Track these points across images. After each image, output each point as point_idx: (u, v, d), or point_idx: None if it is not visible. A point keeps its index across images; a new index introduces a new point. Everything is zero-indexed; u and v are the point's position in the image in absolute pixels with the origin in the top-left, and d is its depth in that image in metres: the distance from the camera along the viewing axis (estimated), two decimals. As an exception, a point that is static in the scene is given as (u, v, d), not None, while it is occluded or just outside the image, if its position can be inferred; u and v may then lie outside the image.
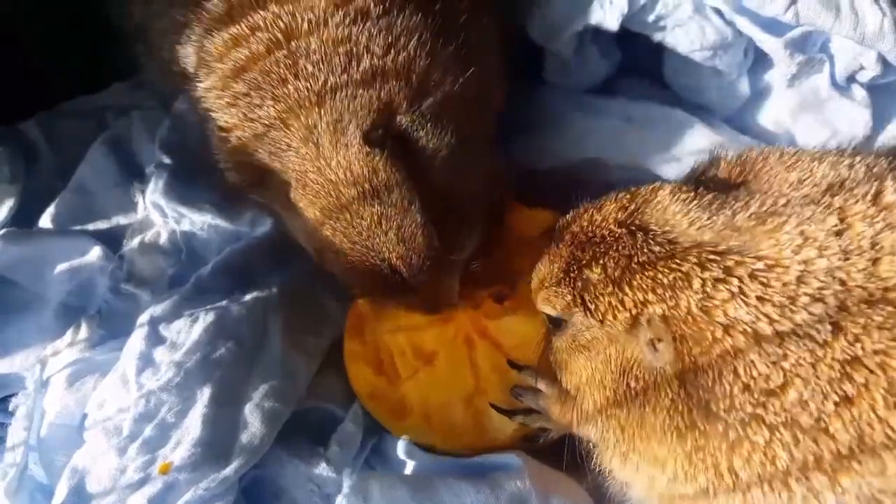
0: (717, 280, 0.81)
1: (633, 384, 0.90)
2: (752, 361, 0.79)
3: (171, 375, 1.20)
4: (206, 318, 1.27)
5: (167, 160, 1.49)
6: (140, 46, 1.48)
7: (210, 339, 1.24)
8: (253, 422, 1.18)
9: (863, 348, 0.77)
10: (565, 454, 1.12)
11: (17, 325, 1.38)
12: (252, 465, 1.16)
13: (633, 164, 1.43)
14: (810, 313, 0.78)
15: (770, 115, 1.40)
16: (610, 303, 0.88)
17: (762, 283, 0.80)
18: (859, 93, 1.33)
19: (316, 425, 1.28)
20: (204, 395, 1.19)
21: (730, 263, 0.82)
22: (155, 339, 1.26)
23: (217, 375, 1.21)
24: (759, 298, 0.80)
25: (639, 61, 1.53)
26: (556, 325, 1.00)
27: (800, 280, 0.79)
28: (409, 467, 1.23)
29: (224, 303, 1.31)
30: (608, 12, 1.36)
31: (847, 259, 0.79)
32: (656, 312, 0.84)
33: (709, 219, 0.86)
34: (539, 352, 1.09)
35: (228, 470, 1.12)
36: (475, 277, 1.28)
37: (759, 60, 1.39)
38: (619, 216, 0.92)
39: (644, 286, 0.85)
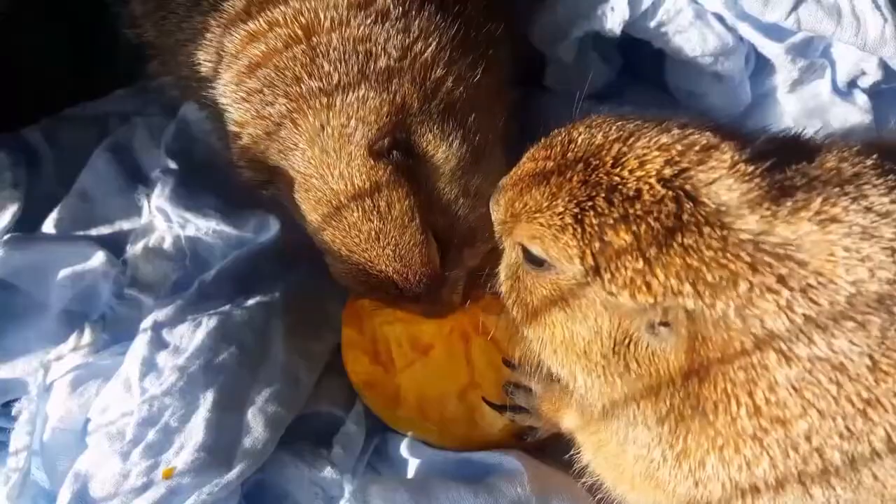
0: (767, 289, 0.71)
1: (632, 365, 0.80)
2: (775, 382, 0.72)
3: (174, 380, 1.20)
4: (209, 323, 1.27)
5: (173, 165, 1.49)
6: (154, 62, 1.48)
7: (213, 344, 1.25)
8: (256, 426, 1.19)
9: (887, 388, 0.71)
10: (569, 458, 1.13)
11: (19, 330, 1.37)
12: (255, 469, 1.16)
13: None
14: (851, 343, 0.71)
15: (771, 121, 1.40)
16: (633, 279, 0.75)
17: (812, 301, 0.71)
18: (861, 98, 1.33)
19: (318, 429, 1.29)
20: (207, 399, 1.19)
21: (784, 272, 0.71)
22: (158, 343, 1.26)
23: (220, 380, 1.21)
24: (805, 317, 0.71)
25: (640, 67, 1.54)
26: (535, 263, 0.86)
27: (849, 302, 0.71)
28: (412, 466, 1.24)
29: (227, 308, 1.31)
30: (610, 18, 1.36)
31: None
32: (685, 306, 0.74)
33: (769, 210, 0.73)
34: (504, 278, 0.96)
35: (231, 474, 1.12)
36: (474, 274, 1.28)
37: (760, 66, 1.39)
38: (665, 172, 0.77)
39: (682, 275, 0.73)
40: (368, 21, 1.16)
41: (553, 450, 1.22)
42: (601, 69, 1.51)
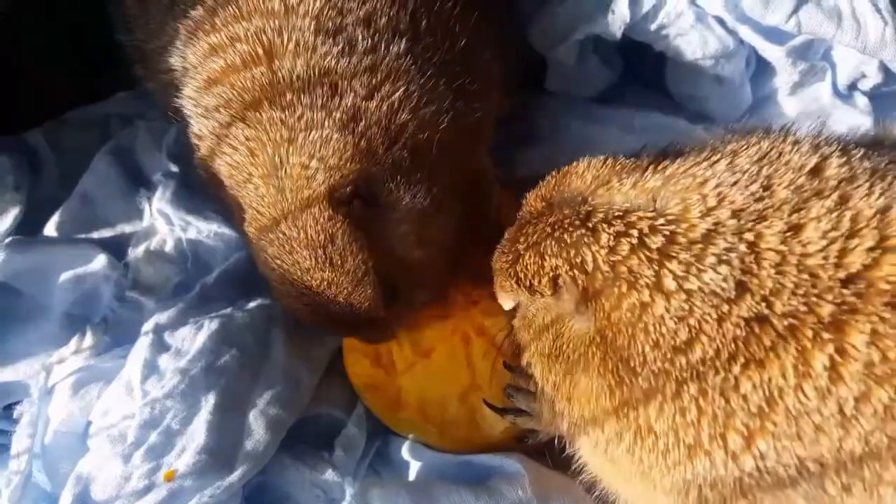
0: (618, 234, 0.83)
1: (565, 349, 0.91)
2: (661, 317, 0.80)
3: (175, 383, 1.20)
4: (210, 326, 1.27)
5: (175, 168, 1.50)
6: (139, 66, 1.48)
7: (214, 347, 1.25)
8: (257, 429, 1.19)
9: (770, 308, 0.77)
10: (569, 460, 1.13)
11: (21, 333, 1.37)
12: (256, 471, 1.16)
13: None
14: (716, 272, 0.78)
15: (771, 124, 1.41)
16: (534, 270, 0.90)
17: (665, 237, 0.81)
18: (861, 100, 1.34)
19: (320, 431, 1.29)
20: (208, 402, 1.19)
21: (632, 218, 0.83)
22: (160, 346, 1.26)
23: (221, 383, 1.21)
24: (660, 252, 0.80)
25: (641, 70, 1.54)
26: (511, 310, 1.02)
27: (706, 239, 0.79)
28: (413, 468, 1.24)
29: (228, 310, 1.32)
30: (610, 21, 1.37)
31: (762, 221, 0.79)
32: (566, 271, 0.86)
33: (619, 181, 0.87)
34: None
35: (233, 477, 1.12)
36: (474, 276, 1.28)
37: (761, 69, 1.40)
38: (545, 192, 0.95)
39: (557, 249, 0.87)
40: (335, 50, 1.12)
41: (555, 452, 1.21)
42: (602, 72, 1.52)
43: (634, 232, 0.82)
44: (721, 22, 1.33)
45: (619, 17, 1.35)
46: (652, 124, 1.47)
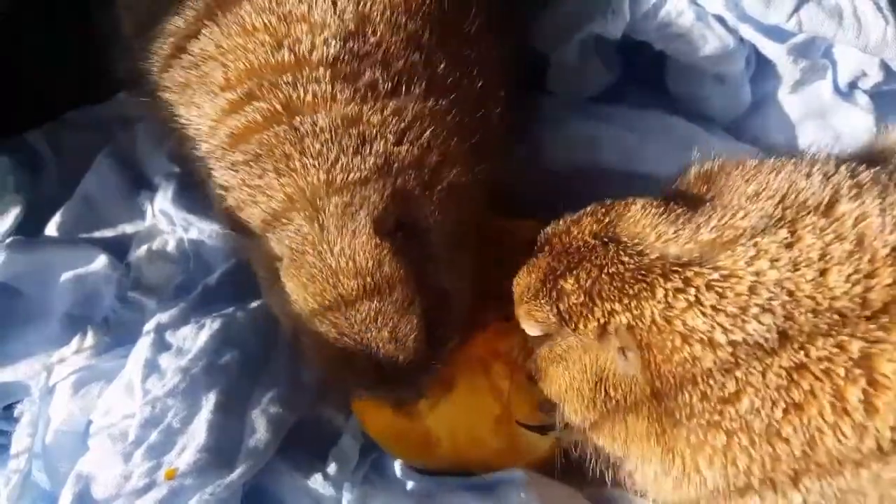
0: (676, 290, 0.85)
1: (610, 392, 0.93)
2: (709, 370, 0.83)
3: (176, 381, 1.20)
4: (212, 326, 1.27)
5: (176, 169, 1.50)
6: (142, 96, 1.43)
7: (216, 346, 1.25)
8: (258, 428, 1.18)
9: (807, 355, 0.80)
10: (557, 464, 1.15)
11: (22, 333, 1.37)
12: (257, 470, 1.16)
13: (633, 172, 1.43)
14: (760, 322, 0.81)
15: (773, 123, 1.41)
16: (581, 312, 0.91)
17: (717, 293, 0.84)
18: (862, 98, 1.34)
19: (318, 436, 1.27)
20: (209, 401, 1.19)
21: (689, 274, 0.85)
22: (161, 345, 1.26)
23: (223, 382, 1.21)
24: (713, 308, 0.83)
25: (641, 70, 1.54)
26: (538, 338, 1.03)
27: (751, 290, 0.83)
28: (408, 486, 1.20)
29: (230, 310, 1.32)
30: (611, 21, 1.37)
31: (796, 270, 0.82)
32: (622, 322, 0.88)
33: (674, 233, 0.90)
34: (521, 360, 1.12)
35: (234, 475, 1.12)
36: (481, 303, 1.24)
37: (761, 67, 1.40)
38: (595, 228, 0.96)
39: (612, 296, 0.89)
40: (357, 97, 1.11)
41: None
42: (603, 72, 1.51)
43: (692, 290, 0.84)
44: (721, 21, 1.33)
45: (619, 17, 1.35)
46: (652, 124, 1.47)
